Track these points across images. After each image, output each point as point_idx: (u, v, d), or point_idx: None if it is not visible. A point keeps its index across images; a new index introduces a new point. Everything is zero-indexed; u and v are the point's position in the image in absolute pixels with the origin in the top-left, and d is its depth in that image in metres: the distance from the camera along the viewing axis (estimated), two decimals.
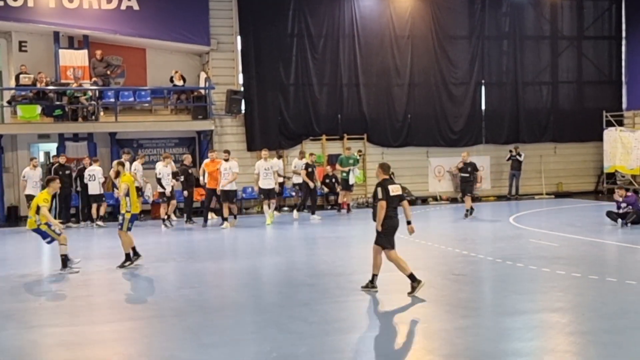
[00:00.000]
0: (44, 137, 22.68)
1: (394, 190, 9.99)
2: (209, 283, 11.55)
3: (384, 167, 10.26)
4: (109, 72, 23.13)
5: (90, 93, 22.43)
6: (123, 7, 22.89)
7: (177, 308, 9.58)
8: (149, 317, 9.15)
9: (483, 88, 27.09)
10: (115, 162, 13.99)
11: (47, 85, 21.74)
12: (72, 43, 23.15)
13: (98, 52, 22.97)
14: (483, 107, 27.14)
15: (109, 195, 21.11)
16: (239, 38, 24.21)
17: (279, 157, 23.04)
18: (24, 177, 19.60)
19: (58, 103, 21.86)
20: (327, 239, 16.69)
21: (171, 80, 23.33)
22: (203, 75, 23.88)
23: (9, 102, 22.07)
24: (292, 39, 24.66)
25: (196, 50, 24.33)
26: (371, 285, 10.15)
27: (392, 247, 10.02)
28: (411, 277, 9.95)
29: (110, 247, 15.22)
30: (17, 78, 21.98)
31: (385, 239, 9.98)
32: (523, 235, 16.07)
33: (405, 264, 10.02)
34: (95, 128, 22.23)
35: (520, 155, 26.27)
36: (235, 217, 19.45)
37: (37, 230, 12.57)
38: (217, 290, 10.99)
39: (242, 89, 24.20)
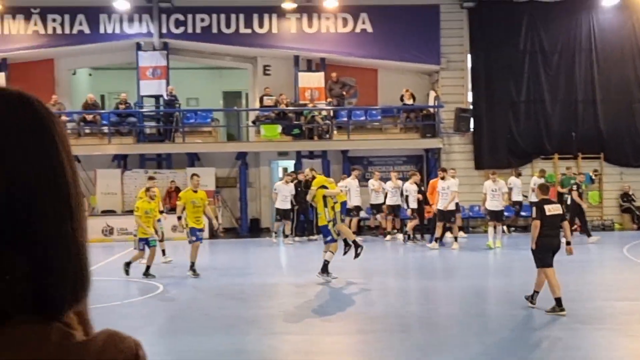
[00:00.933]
0: (283, 155, 24.23)
1: (551, 210, 10.15)
2: (434, 300, 11.58)
3: (542, 188, 10.61)
4: (344, 93, 24.12)
5: (325, 113, 23.59)
6: (358, 30, 23.83)
7: (404, 324, 9.72)
8: (377, 330, 9.38)
9: None
10: (309, 169, 14.61)
11: (287, 106, 23.23)
12: (310, 66, 24.53)
13: (333, 74, 24.08)
14: None
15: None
16: (469, 56, 24.07)
17: (518, 175, 22.11)
18: (275, 190, 20.60)
19: (296, 122, 23.25)
20: (558, 262, 15.89)
21: (401, 99, 23.77)
22: (432, 94, 24.04)
23: (253, 122, 23.91)
24: (524, 55, 23.97)
25: (426, 70, 24.58)
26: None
27: (546, 265, 10.13)
28: (558, 301, 9.93)
29: (344, 259, 15.77)
30: (261, 100, 23.74)
31: (537, 257, 10.22)
32: None
33: (558, 287, 9.98)
34: (329, 146, 23.31)
35: None
36: (455, 239, 18.53)
37: (324, 228, 13.25)
38: (443, 308, 10.97)
39: (471, 106, 24.01)
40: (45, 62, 24.12)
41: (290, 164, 24.49)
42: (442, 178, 18.65)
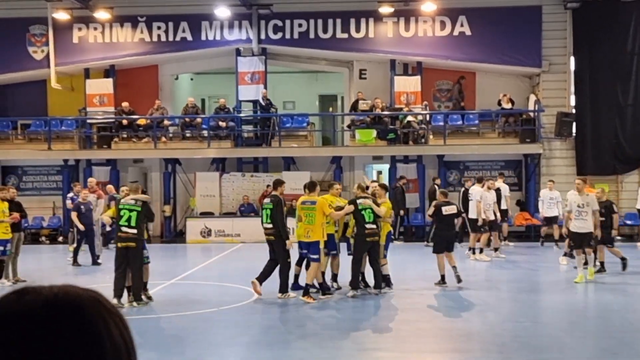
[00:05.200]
0: (377, 159, 24.00)
1: (448, 210, 13.31)
2: (534, 318, 11.06)
3: (443, 193, 13.92)
4: (461, 98, 23.57)
5: (420, 117, 23.19)
6: (456, 32, 23.29)
7: (501, 343, 9.32)
8: (472, 350, 9.04)
9: None
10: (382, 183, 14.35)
11: (382, 110, 22.96)
12: (407, 70, 24.18)
13: (463, 79, 23.63)
14: None
15: None
16: (572, 58, 23.08)
17: None
18: (479, 199, 17.45)
19: (391, 127, 22.96)
20: None
21: (499, 103, 23.08)
22: (532, 98, 23.22)
23: (348, 127, 23.79)
24: (632, 57, 22.75)
25: (526, 72, 23.78)
26: (442, 283, 13.22)
27: (439, 252, 13.31)
28: (442, 278, 13.22)
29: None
30: (354, 104, 23.56)
31: (434, 246, 13.58)
32: None
33: (443, 268, 13.22)
34: (425, 151, 22.90)
35: None
36: (496, 250, 17.49)
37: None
38: (543, 327, 10.45)
39: (573, 111, 23.02)
40: (150, 67, 24.90)
41: (385, 168, 24.24)
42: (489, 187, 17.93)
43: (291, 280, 12.57)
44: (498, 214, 18.02)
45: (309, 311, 11.52)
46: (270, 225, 12.31)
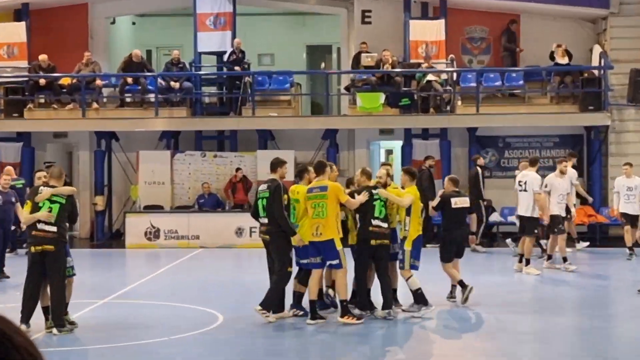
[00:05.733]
0: (387, 133, 23.90)
1: (458, 202, 13.48)
2: (600, 353, 11.02)
3: (453, 181, 14.01)
4: (517, 48, 23.55)
5: (445, 76, 23.05)
6: None
7: None
8: None
9: None
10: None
11: (393, 67, 22.79)
12: (426, 11, 24.11)
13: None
14: None
15: None
16: None
17: None
18: (546, 187, 16.78)
19: (405, 89, 22.81)
20: None
21: (552, 57, 23.00)
22: (597, 50, 23.17)
23: (347, 89, 23.62)
24: None
25: (588, 16, 23.84)
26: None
27: (446, 261, 13.40)
28: (461, 283, 13.16)
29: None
30: (356, 58, 23.39)
31: (441, 252, 13.62)
32: None
33: (454, 276, 13.34)
34: (450, 122, 22.84)
35: None
36: (549, 257, 17.15)
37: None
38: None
39: None
40: (76, 7, 24.81)
41: (397, 146, 24.16)
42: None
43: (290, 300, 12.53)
44: (573, 210, 17.73)
45: (293, 340, 11.47)
46: (267, 220, 12.24)
